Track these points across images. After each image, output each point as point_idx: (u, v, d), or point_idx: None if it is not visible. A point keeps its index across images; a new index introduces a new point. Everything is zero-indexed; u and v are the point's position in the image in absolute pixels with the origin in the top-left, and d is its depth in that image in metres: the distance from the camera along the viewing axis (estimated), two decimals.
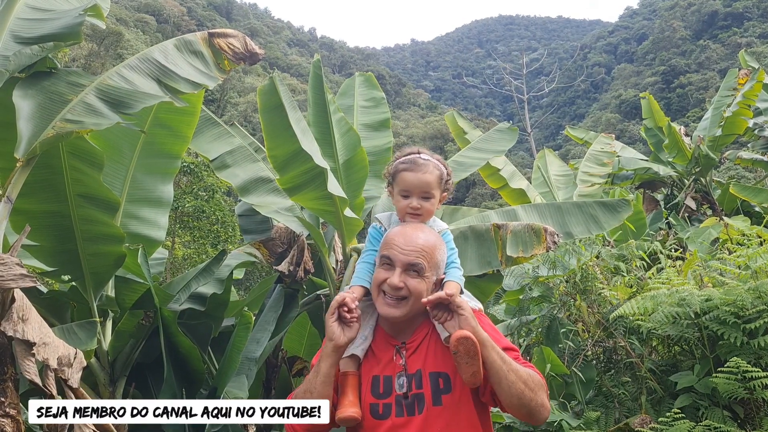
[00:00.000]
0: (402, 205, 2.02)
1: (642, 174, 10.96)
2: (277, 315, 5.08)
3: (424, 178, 1.99)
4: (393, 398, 1.86)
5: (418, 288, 1.86)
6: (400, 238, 1.91)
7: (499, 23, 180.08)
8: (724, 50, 66.85)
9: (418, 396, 1.85)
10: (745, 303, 3.46)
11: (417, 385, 1.86)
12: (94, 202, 3.85)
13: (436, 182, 2.02)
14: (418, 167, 2.01)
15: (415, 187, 2.00)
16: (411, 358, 1.90)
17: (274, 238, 5.58)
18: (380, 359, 1.93)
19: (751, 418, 3.58)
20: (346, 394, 1.88)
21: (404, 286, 1.86)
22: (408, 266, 1.87)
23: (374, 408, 1.87)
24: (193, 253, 17.15)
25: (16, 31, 3.55)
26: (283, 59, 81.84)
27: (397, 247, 1.89)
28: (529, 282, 5.23)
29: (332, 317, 1.84)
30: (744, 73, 10.83)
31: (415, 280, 1.87)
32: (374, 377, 1.91)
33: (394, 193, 2.06)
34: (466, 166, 6.44)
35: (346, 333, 1.84)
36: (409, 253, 1.87)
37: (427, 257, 1.88)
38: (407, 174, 2.01)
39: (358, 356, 1.93)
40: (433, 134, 59.68)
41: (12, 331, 2.93)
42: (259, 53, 3.93)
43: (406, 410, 1.84)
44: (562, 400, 4.25)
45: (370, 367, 1.93)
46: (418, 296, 1.86)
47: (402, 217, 2.05)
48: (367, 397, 1.89)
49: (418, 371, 1.88)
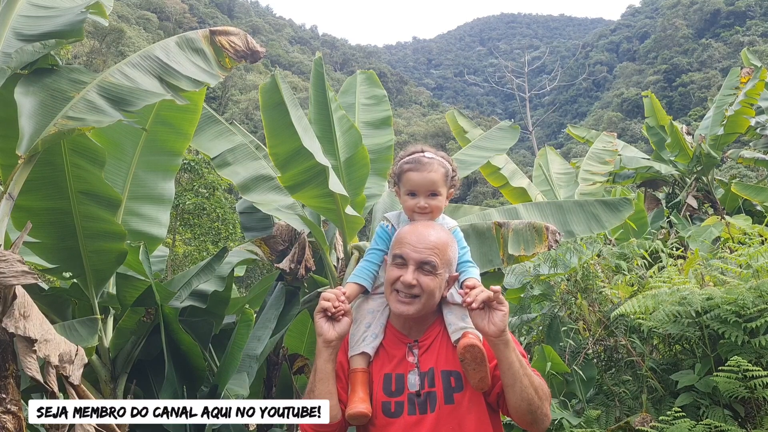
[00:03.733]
0: (410, 205, 2.02)
1: (643, 173, 10.95)
2: (278, 312, 5.09)
3: (430, 176, 1.99)
4: (405, 396, 1.86)
5: (430, 285, 1.86)
6: (412, 236, 1.91)
7: (501, 21, 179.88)
8: (726, 49, 66.70)
9: (431, 394, 1.85)
10: (747, 302, 3.45)
11: (429, 384, 1.86)
12: (95, 199, 3.85)
13: (442, 180, 2.01)
14: (423, 166, 2.00)
15: (421, 187, 2.00)
16: (423, 356, 1.90)
17: (276, 236, 5.58)
18: (393, 357, 1.93)
19: (752, 417, 3.58)
20: (355, 391, 1.87)
21: (417, 284, 1.86)
22: (421, 264, 1.86)
23: (386, 406, 1.87)
24: (194, 250, 17.17)
25: (18, 29, 3.55)
26: (284, 57, 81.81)
27: (410, 245, 1.89)
28: (530, 280, 5.24)
29: (319, 314, 1.85)
30: (746, 71, 10.80)
31: (428, 277, 1.86)
32: (386, 375, 1.90)
33: (401, 193, 2.06)
34: (468, 164, 6.44)
35: (335, 328, 1.85)
36: (422, 250, 1.87)
37: (439, 254, 1.88)
38: (413, 174, 2.00)
39: (369, 354, 1.93)
40: (435, 132, 59.64)
41: (13, 327, 2.94)
42: (260, 51, 3.93)
43: (418, 408, 1.84)
44: (562, 399, 4.25)
45: (381, 365, 1.93)
46: (431, 294, 1.87)
47: (411, 217, 2.04)
48: (379, 395, 1.88)
49: (430, 369, 1.88)
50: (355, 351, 1.92)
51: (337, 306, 1.85)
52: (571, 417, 4.00)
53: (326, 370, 1.86)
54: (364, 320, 1.97)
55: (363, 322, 1.97)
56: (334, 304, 1.84)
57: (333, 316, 1.85)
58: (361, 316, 1.98)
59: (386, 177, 6.01)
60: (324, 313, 1.85)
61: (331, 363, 1.87)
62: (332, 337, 1.84)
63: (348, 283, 2.00)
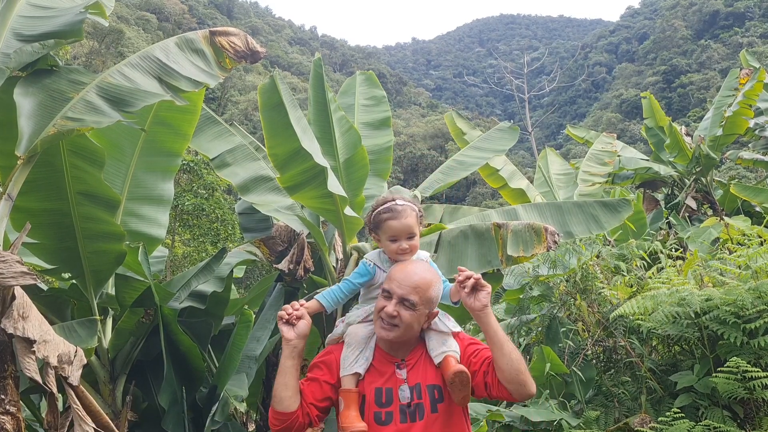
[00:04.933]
0: (392, 249, 2.29)
1: (643, 173, 10.96)
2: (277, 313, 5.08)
3: (407, 222, 2.28)
4: (394, 407, 2.17)
5: (409, 319, 2.16)
6: (400, 274, 2.21)
7: (501, 22, 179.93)
8: (725, 50, 66.76)
9: (419, 405, 2.17)
10: (746, 303, 3.46)
11: (417, 396, 2.18)
12: (94, 200, 3.84)
13: (416, 222, 2.32)
14: (399, 214, 2.29)
15: (401, 232, 2.28)
16: (410, 373, 2.23)
17: (275, 237, 5.58)
18: (382, 373, 2.23)
19: (751, 418, 3.58)
20: (349, 408, 2.16)
21: (398, 315, 2.16)
22: (402, 299, 2.16)
23: (377, 415, 2.17)
24: (193, 251, 17.15)
25: (18, 29, 3.55)
26: (284, 57, 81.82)
27: (396, 281, 2.19)
28: (529, 281, 5.24)
29: (279, 320, 2.22)
30: (745, 72, 10.82)
31: (408, 312, 2.16)
32: (377, 389, 2.21)
33: (382, 239, 2.33)
34: (467, 165, 6.44)
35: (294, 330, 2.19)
36: (405, 288, 2.16)
37: (420, 293, 2.17)
38: (392, 222, 2.28)
39: (360, 373, 2.22)
40: (434, 133, 59.65)
41: (12, 328, 2.94)
42: (260, 51, 3.93)
43: (409, 417, 2.16)
44: (561, 400, 4.25)
45: (372, 380, 2.22)
46: (409, 325, 2.18)
47: (394, 258, 2.31)
48: (372, 406, 2.18)
49: (417, 384, 2.20)
50: (349, 371, 2.21)
51: (291, 313, 2.20)
52: (570, 418, 4.00)
53: (285, 365, 2.19)
54: (358, 345, 2.26)
55: (357, 346, 2.25)
56: (288, 311, 2.20)
57: (288, 320, 2.20)
58: (355, 341, 2.26)
59: (386, 178, 6.01)
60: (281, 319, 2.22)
61: (291, 360, 2.19)
62: (291, 337, 2.18)
63: (314, 299, 2.30)
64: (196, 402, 4.54)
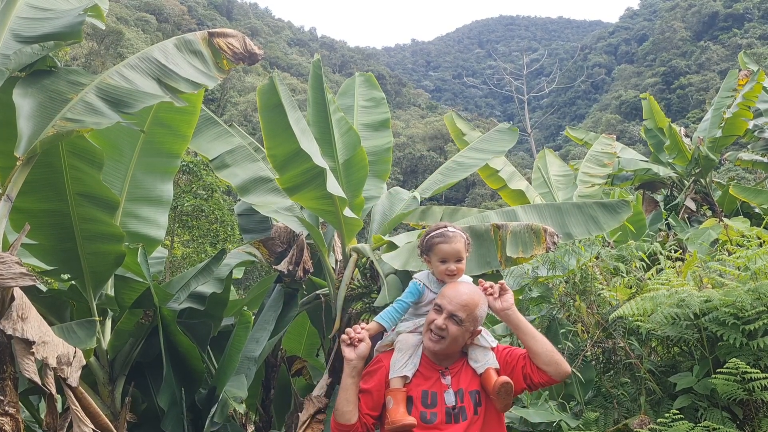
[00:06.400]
0: (441, 270, 2.58)
1: (642, 175, 10.96)
2: (277, 314, 5.08)
3: (456, 246, 2.58)
4: (439, 408, 2.44)
5: (455, 333, 2.45)
6: (451, 292, 2.50)
7: (500, 23, 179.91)
8: (724, 51, 66.79)
9: (462, 408, 2.45)
10: (745, 304, 3.46)
11: (460, 400, 2.46)
12: (93, 200, 3.85)
13: (465, 248, 2.61)
14: (450, 239, 2.58)
15: (450, 255, 2.57)
16: (453, 380, 2.51)
17: (274, 238, 5.58)
18: (428, 378, 2.51)
19: (750, 420, 3.58)
20: (398, 405, 2.42)
21: (446, 328, 2.44)
22: (451, 315, 2.44)
23: (423, 415, 2.44)
24: (192, 252, 17.15)
25: (17, 30, 3.55)
26: (283, 59, 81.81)
27: (447, 298, 2.48)
28: (528, 282, 5.23)
29: (343, 342, 2.51)
30: (744, 74, 10.82)
31: (455, 326, 2.45)
32: (423, 391, 2.48)
33: (433, 261, 2.61)
34: (467, 166, 6.43)
35: (355, 351, 2.47)
36: (455, 305, 2.45)
37: (467, 311, 2.45)
38: (443, 246, 2.58)
39: (408, 376, 2.48)
40: (433, 134, 59.68)
41: (11, 329, 2.94)
42: (258, 53, 3.94)
43: (453, 418, 2.43)
44: (561, 401, 4.25)
45: (418, 383, 2.50)
46: (454, 339, 2.46)
47: (443, 279, 2.59)
48: (418, 407, 2.45)
49: (460, 390, 2.49)
50: (398, 374, 2.47)
51: (352, 336, 2.49)
52: (569, 419, 4.00)
53: (347, 383, 2.48)
54: (407, 351, 2.52)
55: (407, 352, 2.52)
56: (350, 335, 2.49)
57: (351, 342, 2.48)
58: (405, 347, 2.53)
59: (385, 179, 6.01)
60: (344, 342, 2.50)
61: (351, 378, 2.48)
62: (352, 357, 2.48)
63: (373, 321, 2.58)
64: (195, 403, 4.55)
